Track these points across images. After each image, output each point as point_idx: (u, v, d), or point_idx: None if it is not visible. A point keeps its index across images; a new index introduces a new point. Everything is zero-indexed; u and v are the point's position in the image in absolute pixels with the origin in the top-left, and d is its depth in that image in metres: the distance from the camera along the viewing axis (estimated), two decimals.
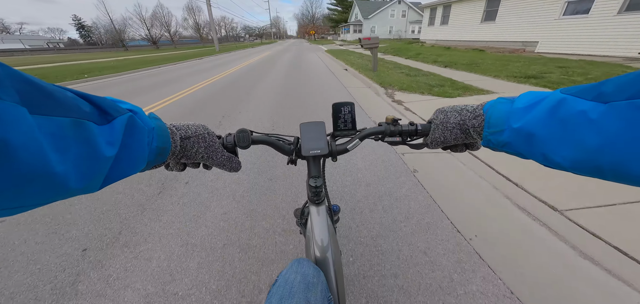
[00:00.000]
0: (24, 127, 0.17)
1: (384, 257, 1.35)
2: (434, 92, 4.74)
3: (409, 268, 1.29)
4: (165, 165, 0.43)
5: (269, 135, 0.52)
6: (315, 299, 0.43)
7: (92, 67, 12.23)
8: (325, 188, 0.59)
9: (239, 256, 1.40)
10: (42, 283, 1.27)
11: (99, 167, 0.24)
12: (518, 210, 1.65)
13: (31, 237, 1.55)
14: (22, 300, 1.19)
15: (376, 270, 1.29)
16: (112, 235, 1.56)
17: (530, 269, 1.26)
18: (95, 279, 1.28)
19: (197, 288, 1.23)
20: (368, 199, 1.84)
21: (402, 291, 1.19)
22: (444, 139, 0.44)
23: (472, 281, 1.22)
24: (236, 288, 1.23)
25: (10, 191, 0.17)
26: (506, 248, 1.39)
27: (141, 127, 0.31)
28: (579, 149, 0.24)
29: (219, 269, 1.32)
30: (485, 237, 1.46)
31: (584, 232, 1.44)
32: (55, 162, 0.19)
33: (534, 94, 0.31)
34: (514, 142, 0.32)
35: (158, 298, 1.19)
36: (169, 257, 1.40)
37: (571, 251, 1.33)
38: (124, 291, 1.22)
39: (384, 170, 2.21)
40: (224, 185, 2.05)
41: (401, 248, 1.41)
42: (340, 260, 0.63)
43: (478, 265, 1.30)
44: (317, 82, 6.51)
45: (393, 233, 1.52)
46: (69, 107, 0.21)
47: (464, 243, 1.43)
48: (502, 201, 1.75)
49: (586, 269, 1.25)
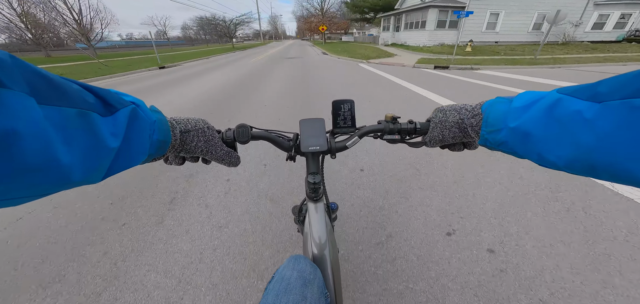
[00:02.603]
0: (33, 117, 0.17)
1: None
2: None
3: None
4: (164, 158, 0.43)
5: (269, 131, 0.52)
6: (312, 296, 0.43)
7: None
8: (324, 186, 0.59)
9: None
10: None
11: (102, 158, 0.24)
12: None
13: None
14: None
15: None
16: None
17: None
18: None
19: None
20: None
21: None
22: (442, 137, 0.44)
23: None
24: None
25: (18, 180, 0.17)
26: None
27: (143, 119, 0.31)
28: (574, 148, 0.25)
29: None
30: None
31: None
32: (61, 152, 0.19)
33: (531, 94, 0.31)
34: (510, 141, 0.32)
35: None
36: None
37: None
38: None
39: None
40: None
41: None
42: (337, 258, 0.63)
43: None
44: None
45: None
46: (75, 98, 0.21)
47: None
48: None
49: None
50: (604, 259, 1.30)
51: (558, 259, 1.31)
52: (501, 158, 2.26)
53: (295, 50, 21.55)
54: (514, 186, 1.92)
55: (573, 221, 1.56)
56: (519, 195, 1.82)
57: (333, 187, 2.00)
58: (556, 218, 1.59)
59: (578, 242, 1.41)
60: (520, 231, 1.49)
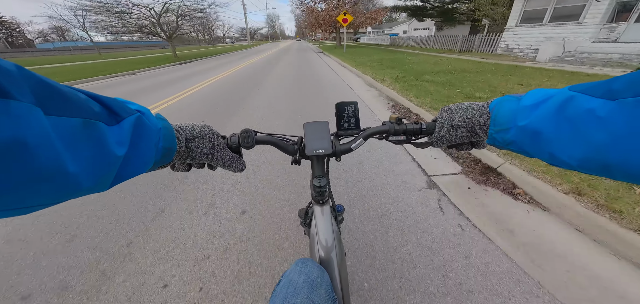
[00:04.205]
0: (40, 128, 0.17)
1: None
2: None
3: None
4: (171, 166, 0.43)
5: (273, 136, 0.52)
6: (319, 300, 0.43)
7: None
8: (330, 188, 0.59)
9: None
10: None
11: (109, 166, 0.25)
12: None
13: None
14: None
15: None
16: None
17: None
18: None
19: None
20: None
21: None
22: (449, 137, 0.44)
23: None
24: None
25: (25, 190, 0.17)
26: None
27: (149, 128, 0.31)
28: (587, 147, 0.24)
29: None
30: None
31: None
32: (68, 162, 0.19)
33: (541, 92, 0.30)
34: (519, 140, 0.32)
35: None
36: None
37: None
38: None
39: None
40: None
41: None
42: (344, 260, 0.63)
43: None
44: None
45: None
46: (81, 108, 0.22)
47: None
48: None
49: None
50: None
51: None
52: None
53: (284, 68, 9.84)
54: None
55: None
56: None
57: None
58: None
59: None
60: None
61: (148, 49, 47.30)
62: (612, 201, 1.52)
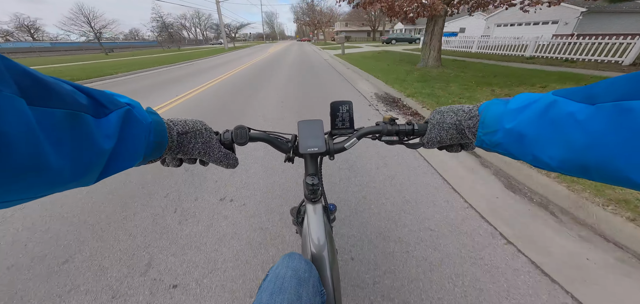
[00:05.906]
0: (22, 119, 0.16)
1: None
2: None
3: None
4: (161, 160, 0.42)
5: (267, 133, 0.52)
6: (307, 295, 0.42)
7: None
8: (322, 187, 0.59)
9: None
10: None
11: (95, 160, 0.24)
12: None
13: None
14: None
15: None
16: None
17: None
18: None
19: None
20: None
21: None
22: (440, 139, 0.44)
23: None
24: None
25: (6, 183, 0.17)
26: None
27: (138, 121, 0.31)
28: (566, 149, 0.25)
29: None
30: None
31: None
32: (51, 155, 0.19)
33: (528, 96, 0.31)
34: (506, 143, 0.32)
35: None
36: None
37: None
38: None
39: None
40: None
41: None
42: (336, 259, 0.63)
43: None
44: None
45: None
46: (66, 99, 0.21)
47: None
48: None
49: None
50: None
51: None
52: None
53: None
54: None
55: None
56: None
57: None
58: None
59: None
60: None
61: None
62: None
